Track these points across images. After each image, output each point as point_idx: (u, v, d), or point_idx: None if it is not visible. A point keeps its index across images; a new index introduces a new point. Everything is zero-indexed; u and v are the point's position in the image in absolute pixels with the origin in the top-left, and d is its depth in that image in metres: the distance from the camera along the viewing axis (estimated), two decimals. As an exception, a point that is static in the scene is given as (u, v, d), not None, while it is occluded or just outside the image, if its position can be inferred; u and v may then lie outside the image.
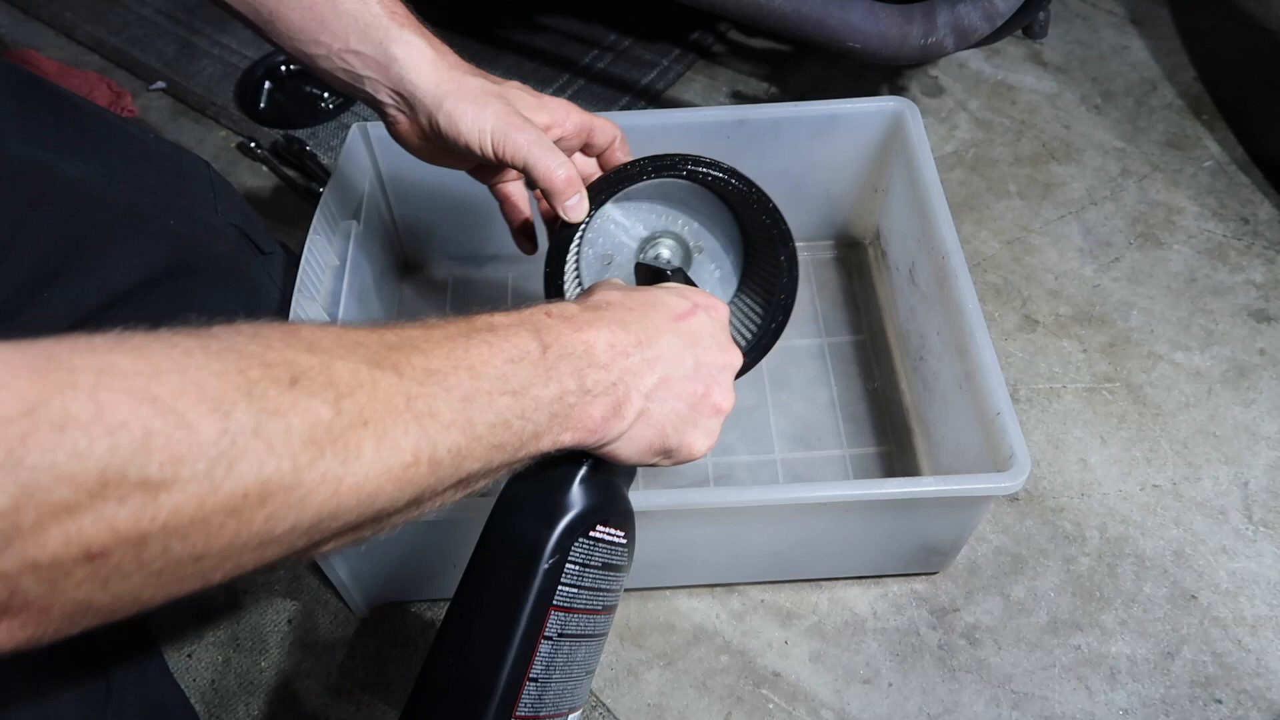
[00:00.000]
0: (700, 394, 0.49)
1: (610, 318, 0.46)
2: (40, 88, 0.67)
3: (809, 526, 0.69)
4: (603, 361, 0.44)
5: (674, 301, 0.50)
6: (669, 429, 0.47)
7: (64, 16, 1.23)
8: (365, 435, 0.33)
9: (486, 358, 0.40)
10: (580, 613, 0.46)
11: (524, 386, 0.40)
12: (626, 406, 0.45)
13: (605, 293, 0.49)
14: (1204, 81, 1.11)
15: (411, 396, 0.35)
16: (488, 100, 0.57)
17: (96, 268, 0.65)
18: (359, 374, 0.34)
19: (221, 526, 0.29)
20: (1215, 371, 0.87)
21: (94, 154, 0.66)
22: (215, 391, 0.29)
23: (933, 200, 0.76)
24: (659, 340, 0.47)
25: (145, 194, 0.69)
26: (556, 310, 0.45)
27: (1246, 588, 0.75)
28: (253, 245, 0.76)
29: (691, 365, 0.48)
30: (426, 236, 0.93)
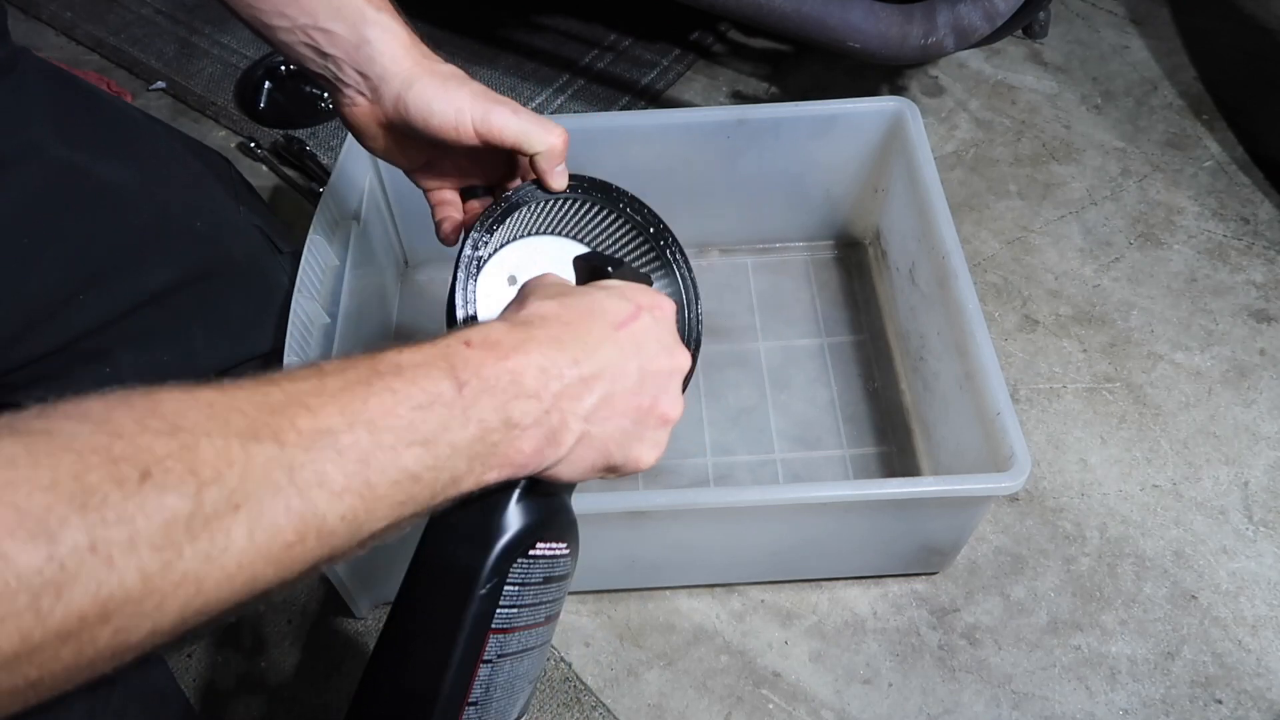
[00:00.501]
0: (646, 406, 0.45)
1: (542, 336, 0.42)
2: (75, 86, 0.67)
3: (809, 526, 0.69)
4: (532, 390, 0.40)
5: (614, 306, 0.46)
6: (613, 447, 0.44)
7: (64, 16, 1.23)
8: (235, 521, 0.30)
9: (389, 407, 0.35)
10: (521, 629, 0.44)
11: (435, 434, 0.37)
12: (564, 434, 0.41)
13: (538, 304, 0.45)
14: (1204, 81, 1.11)
15: (294, 467, 0.32)
16: (461, 82, 0.55)
17: (130, 270, 0.66)
18: (229, 452, 0.31)
19: (58, 652, 0.27)
20: (1215, 371, 0.87)
21: (128, 155, 0.67)
22: (40, 510, 0.26)
23: (933, 200, 0.76)
24: (598, 354, 0.43)
25: (174, 195, 0.69)
26: (478, 337, 0.40)
27: (1246, 588, 0.75)
28: (272, 244, 0.76)
29: (636, 377, 0.45)
30: (426, 236, 0.93)
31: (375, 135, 0.58)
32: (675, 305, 0.50)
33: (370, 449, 0.34)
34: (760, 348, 0.89)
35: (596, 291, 0.47)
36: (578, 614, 0.75)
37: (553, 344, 0.42)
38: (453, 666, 0.41)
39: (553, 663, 0.72)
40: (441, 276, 0.95)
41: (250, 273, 0.74)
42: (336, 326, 0.73)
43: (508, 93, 1.13)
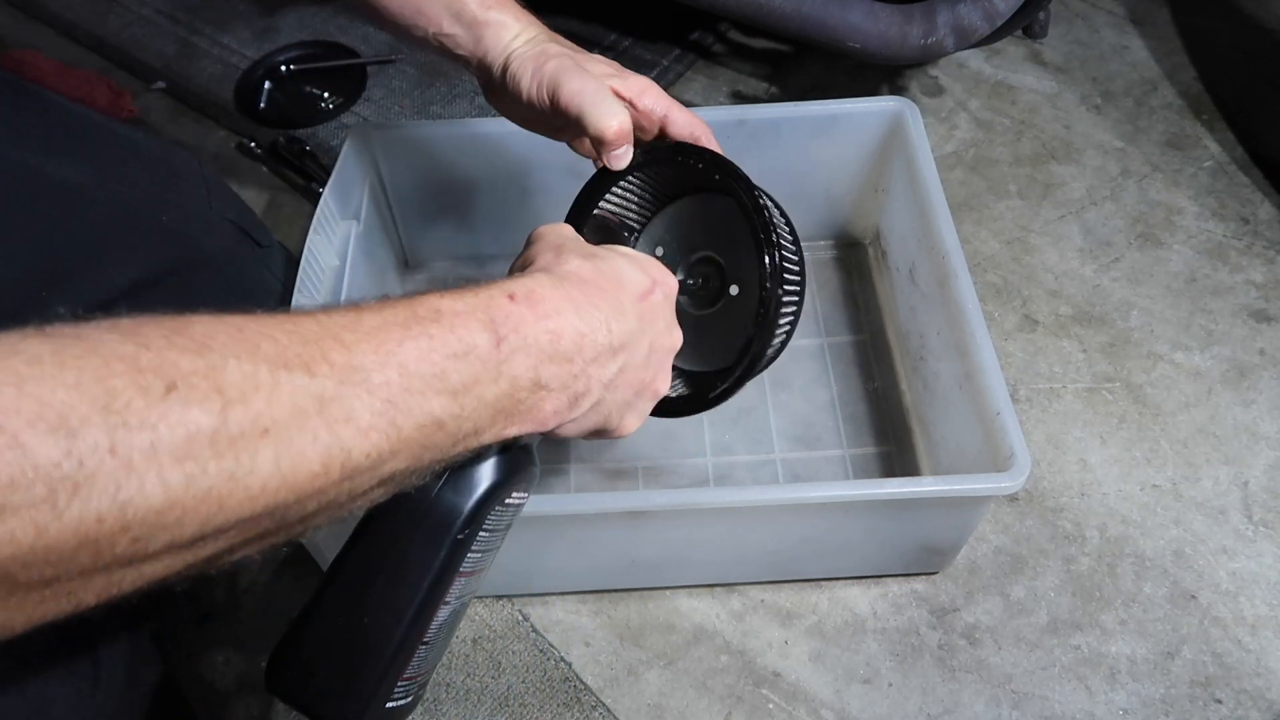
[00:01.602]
0: (648, 380, 0.47)
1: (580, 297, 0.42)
2: (24, 91, 0.67)
3: (809, 526, 0.69)
4: (568, 354, 0.40)
5: (636, 277, 0.47)
6: (613, 413, 0.46)
7: (64, 16, 1.23)
8: (263, 445, 0.30)
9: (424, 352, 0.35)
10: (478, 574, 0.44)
11: (466, 385, 0.37)
12: (584, 399, 0.42)
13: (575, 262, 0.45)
14: (1204, 81, 1.11)
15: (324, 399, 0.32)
16: (549, 57, 0.58)
17: (93, 267, 0.65)
18: (257, 376, 0.30)
19: (75, 552, 0.27)
20: (1215, 371, 0.87)
21: (83, 155, 0.67)
22: (62, 406, 0.26)
23: (933, 200, 0.76)
24: (625, 324, 0.44)
25: (137, 192, 0.69)
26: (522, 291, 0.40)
27: (1246, 588, 0.75)
28: (249, 239, 0.76)
29: (646, 350, 0.46)
30: (426, 236, 0.93)
31: (511, 113, 0.64)
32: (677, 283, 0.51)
33: (400, 391, 0.34)
34: (760, 348, 0.89)
35: (619, 258, 0.47)
36: (578, 614, 0.75)
37: (591, 308, 0.42)
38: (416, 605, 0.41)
39: (553, 662, 0.72)
40: (442, 277, 0.95)
41: (226, 268, 0.73)
42: (336, 326, 0.72)
43: (508, 93, 1.13)
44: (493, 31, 0.60)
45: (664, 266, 0.50)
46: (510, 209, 0.89)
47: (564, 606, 0.75)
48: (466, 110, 1.11)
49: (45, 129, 0.66)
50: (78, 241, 0.65)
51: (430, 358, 0.35)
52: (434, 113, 1.11)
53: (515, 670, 0.72)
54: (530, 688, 0.71)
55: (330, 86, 1.13)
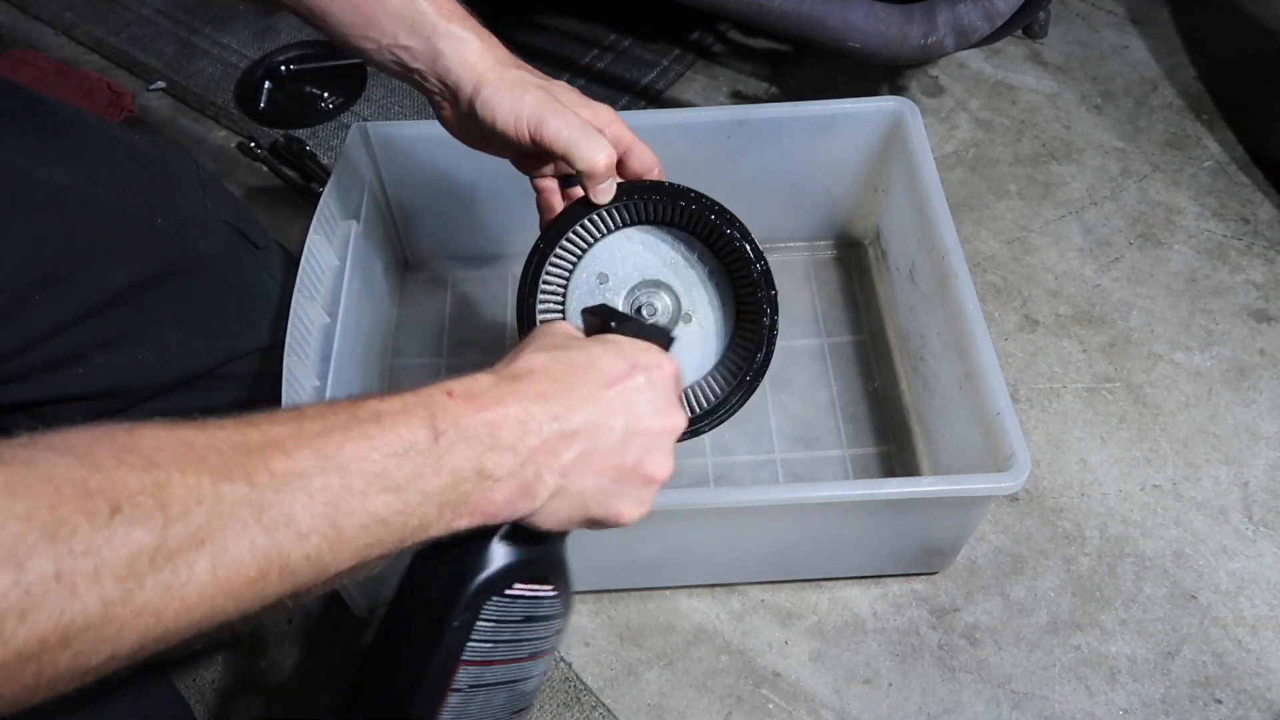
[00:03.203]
0: (630, 465, 0.45)
1: (527, 389, 0.42)
2: (17, 94, 0.67)
3: (809, 526, 0.69)
4: (508, 443, 0.41)
5: (608, 364, 0.46)
6: (590, 503, 0.45)
7: (64, 16, 1.23)
8: (199, 555, 0.31)
9: (364, 453, 0.36)
10: (499, 663, 0.44)
11: (408, 480, 0.37)
12: (538, 486, 0.42)
13: (529, 357, 0.45)
14: (1204, 81, 1.11)
15: (263, 506, 0.33)
16: (526, 88, 0.58)
17: (85, 270, 0.65)
18: (200, 489, 0.32)
19: (19, 672, 0.28)
20: (1215, 371, 0.87)
21: (75, 158, 0.67)
22: (11, 539, 0.28)
23: (933, 200, 0.76)
24: (581, 411, 0.43)
25: (131, 195, 0.69)
26: (461, 388, 0.41)
27: (1246, 588, 0.75)
28: (246, 241, 0.76)
29: (620, 435, 0.45)
30: (427, 236, 0.93)
31: (464, 134, 0.63)
32: (677, 367, 0.49)
33: (340, 493, 0.35)
34: (760, 348, 0.89)
35: (594, 347, 0.46)
36: (578, 614, 0.75)
37: (535, 398, 0.42)
38: (421, 691, 0.42)
39: (553, 663, 0.72)
40: (441, 276, 0.95)
41: (223, 269, 0.73)
42: (336, 326, 0.73)
43: (508, 93, 1.13)
44: (453, 46, 0.59)
45: (659, 351, 0.48)
46: (510, 209, 0.89)
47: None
48: (466, 110, 1.11)
49: (36, 132, 0.66)
50: (69, 245, 0.65)
51: (370, 457, 0.37)
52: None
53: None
54: (530, 688, 0.71)
55: (330, 86, 1.13)
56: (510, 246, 0.94)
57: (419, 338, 0.91)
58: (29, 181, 0.63)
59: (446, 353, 0.90)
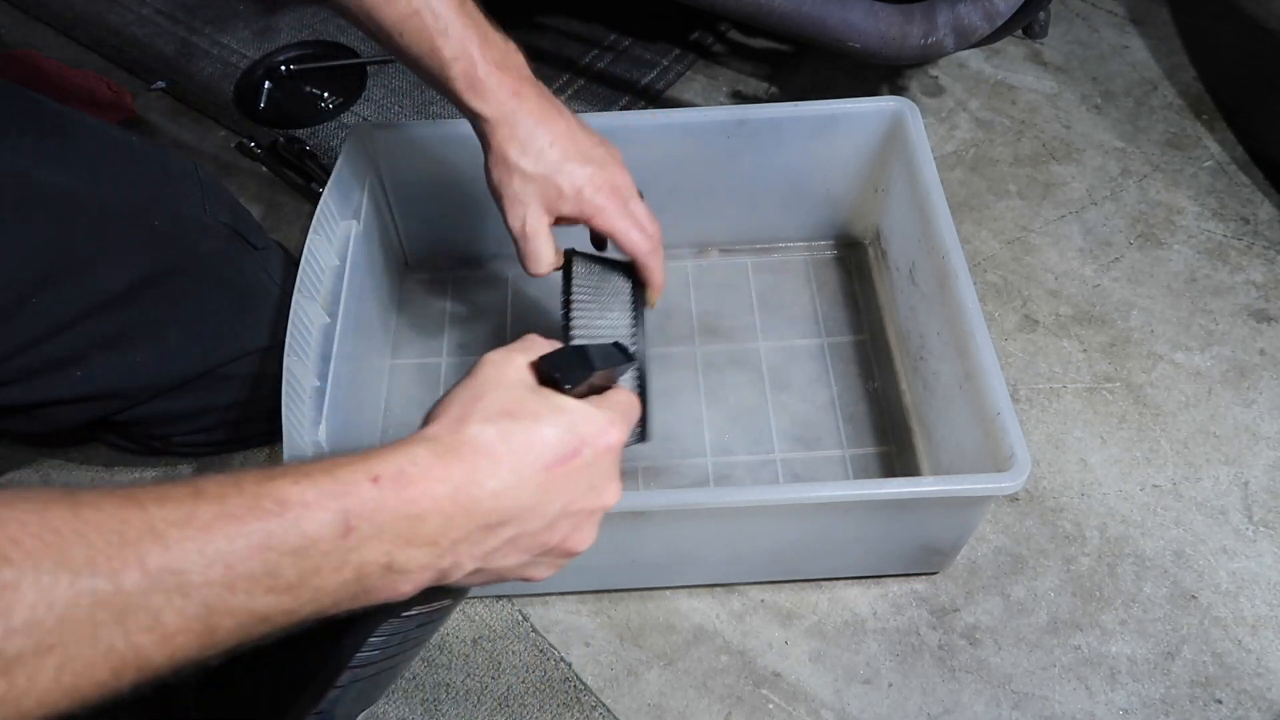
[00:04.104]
0: (554, 543, 0.44)
1: (461, 474, 0.39)
2: (17, 96, 0.67)
3: (809, 526, 0.69)
4: (428, 538, 0.38)
5: (556, 442, 0.42)
6: (505, 574, 0.43)
7: (64, 16, 1.23)
8: (43, 664, 0.29)
9: (257, 549, 0.33)
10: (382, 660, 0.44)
11: (302, 579, 0.35)
12: (453, 573, 0.40)
13: (478, 428, 0.41)
14: (1204, 81, 1.11)
15: (126, 610, 0.31)
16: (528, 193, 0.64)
17: (85, 271, 0.66)
18: (54, 590, 0.29)
19: None
20: (1215, 371, 0.87)
21: (75, 159, 0.67)
22: None
23: (933, 200, 0.76)
24: (517, 496, 0.40)
25: (130, 196, 0.69)
26: (390, 471, 0.37)
27: (1246, 588, 0.75)
28: (245, 242, 0.76)
29: (553, 516, 0.43)
30: (426, 236, 0.93)
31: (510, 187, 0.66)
32: (625, 431, 0.46)
33: (221, 591, 0.33)
34: (760, 348, 0.89)
35: (542, 421, 0.43)
36: (578, 614, 0.75)
37: (471, 482, 0.39)
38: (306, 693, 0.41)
39: (553, 662, 0.72)
40: (441, 276, 0.95)
41: (222, 270, 0.74)
42: (336, 326, 0.73)
43: (508, 93, 1.13)
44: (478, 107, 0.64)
45: (609, 418, 0.45)
46: (510, 209, 0.89)
47: (564, 606, 0.75)
48: (466, 110, 1.11)
49: (36, 133, 0.66)
50: (69, 246, 0.65)
51: (263, 555, 0.34)
52: (434, 113, 1.11)
53: (515, 670, 0.72)
54: (530, 688, 0.71)
55: (330, 86, 1.13)
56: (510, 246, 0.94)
57: (419, 338, 0.91)
58: (29, 183, 0.63)
59: (446, 353, 0.90)
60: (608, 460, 0.45)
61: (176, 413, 0.75)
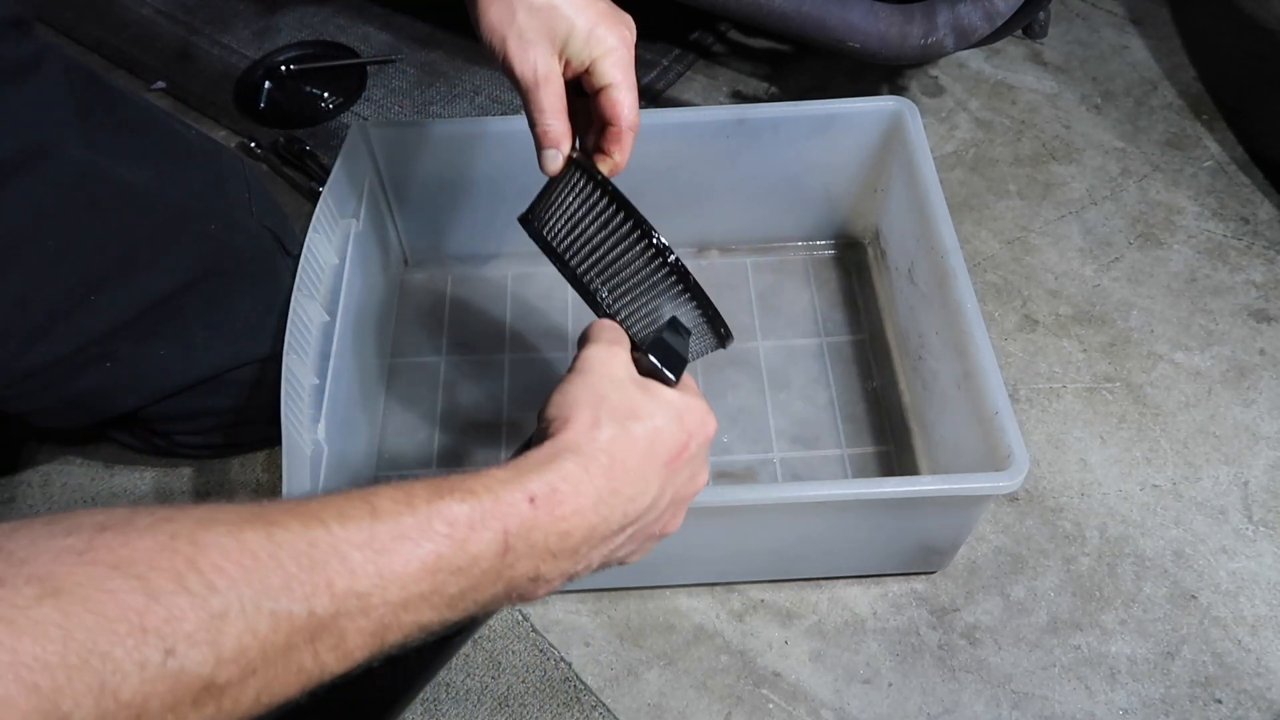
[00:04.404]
0: (657, 531, 0.46)
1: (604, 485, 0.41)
2: (97, 85, 0.67)
3: (808, 526, 0.69)
4: (573, 549, 0.40)
5: (670, 437, 0.45)
6: (615, 563, 0.45)
7: (64, 16, 1.23)
8: (245, 687, 0.31)
9: (429, 569, 0.35)
10: None
11: (464, 592, 0.37)
12: (583, 574, 0.42)
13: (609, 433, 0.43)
14: (1204, 81, 1.11)
15: (318, 631, 0.33)
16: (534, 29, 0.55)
17: (143, 272, 0.66)
18: (257, 620, 0.31)
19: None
20: (1215, 371, 0.87)
21: (146, 156, 0.67)
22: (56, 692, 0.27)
23: (932, 200, 0.76)
24: (644, 497, 0.43)
25: (191, 198, 0.69)
26: (544, 490, 0.39)
27: (1246, 588, 0.75)
28: (282, 248, 0.76)
29: (664, 508, 0.45)
30: (426, 236, 0.93)
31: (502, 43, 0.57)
32: (715, 419, 0.48)
33: (396, 610, 0.35)
34: (759, 347, 0.89)
35: (657, 415, 0.45)
36: (577, 614, 0.75)
37: (612, 495, 0.41)
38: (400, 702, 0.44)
39: (553, 662, 0.72)
40: (441, 276, 0.95)
41: (258, 274, 0.74)
42: (336, 325, 0.73)
43: (507, 93, 1.13)
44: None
45: (705, 407, 0.48)
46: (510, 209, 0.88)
47: (564, 606, 0.75)
48: (466, 110, 1.11)
49: (115, 128, 0.66)
50: (133, 245, 0.65)
51: (434, 576, 0.36)
52: (434, 112, 1.11)
53: (515, 670, 0.72)
54: (530, 688, 0.71)
55: (330, 86, 1.13)
56: (510, 246, 0.94)
57: (419, 337, 0.91)
58: (107, 181, 0.63)
59: (446, 352, 0.90)
60: (706, 448, 0.48)
61: (176, 412, 0.75)
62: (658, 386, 0.47)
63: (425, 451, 0.84)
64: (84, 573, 0.29)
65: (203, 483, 0.83)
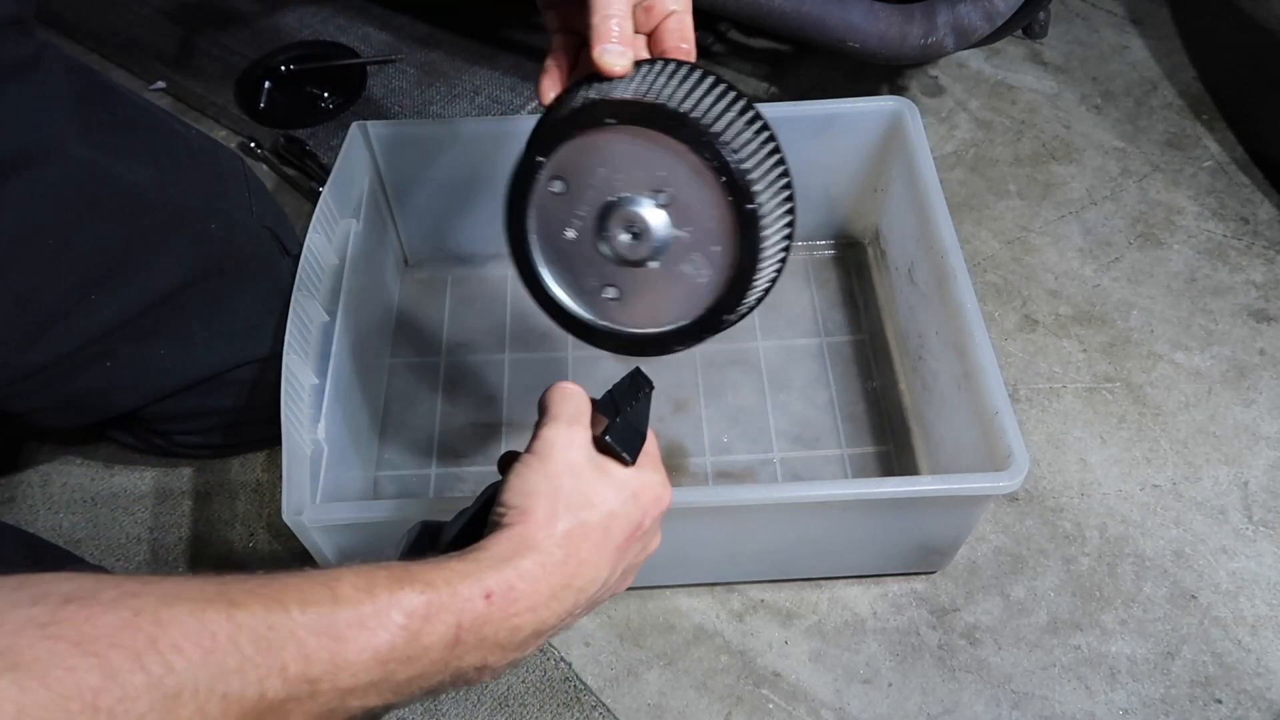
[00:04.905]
0: (606, 596, 0.47)
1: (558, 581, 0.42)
2: (97, 83, 0.67)
3: (808, 526, 0.69)
4: (521, 642, 0.41)
5: (625, 521, 0.45)
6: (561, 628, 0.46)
7: (64, 16, 1.23)
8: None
9: (380, 660, 0.36)
10: None
11: (409, 681, 0.38)
12: (529, 652, 0.43)
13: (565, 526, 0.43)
14: (1204, 81, 1.11)
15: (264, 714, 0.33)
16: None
17: (143, 271, 0.66)
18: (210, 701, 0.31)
19: None
20: (1215, 371, 0.87)
21: (146, 155, 0.67)
22: None
23: (932, 200, 0.76)
24: (595, 581, 0.44)
25: (191, 196, 0.69)
26: (501, 588, 0.40)
27: (1246, 588, 0.75)
28: (281, 247, 0.76)
29: (614, 581, 0.47)
30: (426, 236, 0.93)
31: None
32: (669, 490, 0.49)
33: (343, 696, 0.35)
34: (759, 347, 0.89)
35: (612, 504, 0.45)
36: (577, 614, 0.75)
37: (565, 590, 0.42)
38: None
39: (553, 662, 0.72)
40: (441, 276, 0.95)
41: (258, 274, 0.74)
42: (335, 325, 0.73)
43: (507, 93, 1.13)
44: None
45: (661, 481, 0.48)
46: (510, 209, 0.89)
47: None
48: (466, 110, 1.11)
49: (113, 126, 0.66)
50: (132, 245, 0.65)
51: (384, 665, 0.36)
52: (434, 112, 1.11)
53: (515, 670, 0.72)
54: (530, 688, 0.71)
55: (330, 86, 1.13)
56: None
57: (419, 337, 0.91)
58: (106, 179, 0.63)
59: (446, 352, 0.90)
60: (659, 519, 0.49)
61: (176, 412, 0.75)
62: (614, 467, 0.47)
63: (425, 451, 0.84)
64: (45, 648, 0.29)
65: (203, 483, 0.83)
